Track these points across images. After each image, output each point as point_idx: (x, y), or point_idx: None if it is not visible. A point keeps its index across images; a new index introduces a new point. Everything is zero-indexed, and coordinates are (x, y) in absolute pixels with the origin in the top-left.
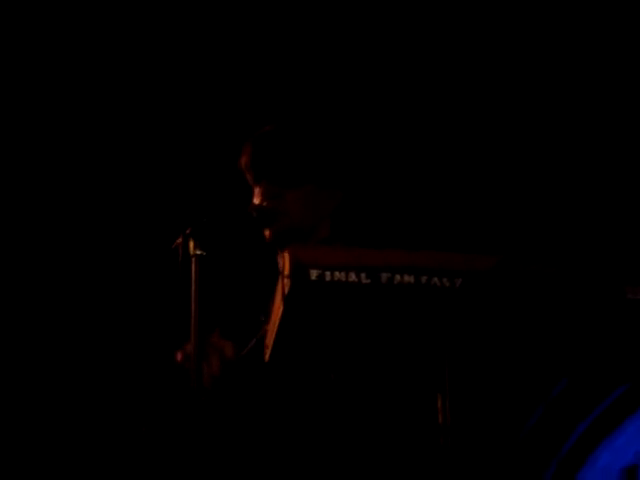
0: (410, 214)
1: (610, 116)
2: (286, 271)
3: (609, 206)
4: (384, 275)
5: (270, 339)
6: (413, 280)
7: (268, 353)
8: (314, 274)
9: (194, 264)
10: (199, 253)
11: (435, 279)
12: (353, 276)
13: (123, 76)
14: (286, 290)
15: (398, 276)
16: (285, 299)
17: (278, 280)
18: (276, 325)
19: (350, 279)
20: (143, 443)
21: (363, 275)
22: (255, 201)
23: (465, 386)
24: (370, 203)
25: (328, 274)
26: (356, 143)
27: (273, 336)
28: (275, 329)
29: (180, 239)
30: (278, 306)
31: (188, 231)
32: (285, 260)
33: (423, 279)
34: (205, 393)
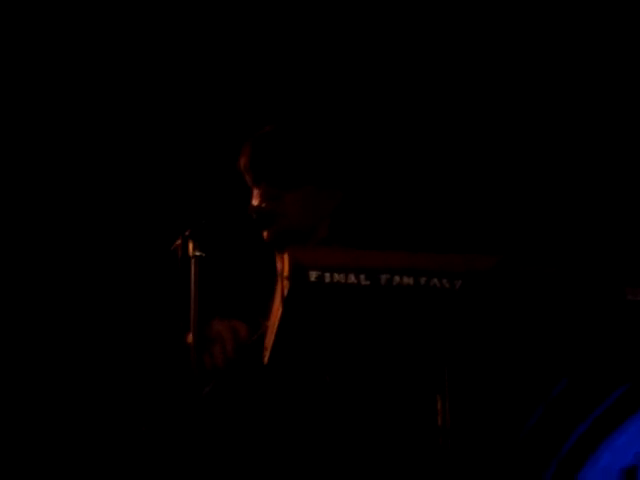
0: (409, 215)
1: (610, 116)
2: (285, 272)
3: (609, 207)
4: (383, 276)
5: (269, 341)
6: (412, 281)
7: (267, 355)
8: (313, 275)
9: (193, 265)
10: (198, 254)
11: (435, 280)
12: (352, 277)
13: (123, 77)
14: (285, 291)
15: (397, 277)
16: (284, 300)
17: (277, 281)
18: (275, 327)
19: (349, 280)
20: (143, 443)
21: (362, 276)
22: (254, 202)
23: (465, 388)
24: (369, 204)
25: (327, 275)
26: (355, 144)
27: (272, 338)
28: (274, 331)
29: (179, 240)
30: (277, 307)
31: (187, 232)
32: (284, 261)
33: (422, 280)
34: (207, 385)
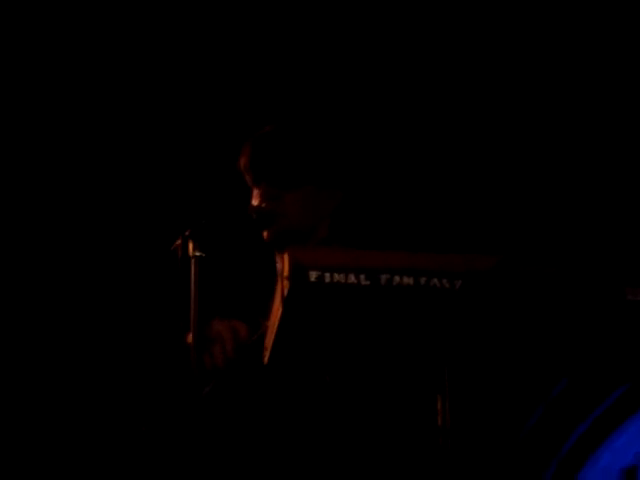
0: (409, 215)
1: (610, 116)
2: (285, 272)
3: (609, 207)
4: (383, 276)
5: (269, 341)
6: (412, 282)
7: (267, 355)
8: (313, 275)
9: (193, 265)
10: (198, 254)
11: (435, 280)
12: (352, 277)
13: (123, 77)
14: (285, 292)
15: (397, 277)
16: (284, 301)
17: (277, 282)
18: (275, 327)
19: (349, 280)
20: (143, 442)
21: (362, 276)
22: (254, 202)
23: (465, 388)
24: (369, 204)
25: (327, 275)
26: (355, 144)
27: (272, 338)
28: (274, 331)
29: (179, 240)
30: (277, 308)
31: (187, 232)
32: (284, 261)
33: (422, 280)
34: (207, 386)
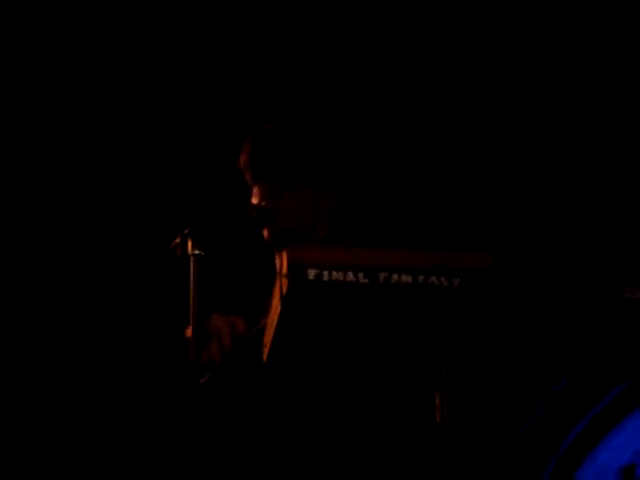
0: (408, 214)
1: (610, 116)
2: (284, 271)
3: (607, 205)
4: (382, 275)
5: (268, 338)
6: (411, 280)
7: (266, 352)
8: (312, 274)
9: (192, 264)
10: (197, 253)
11: (433, 278)
12: (351, 276)
13: (123, 76)
14: (284, 290)
15: (396, 275)
16: (283, 299)
17: (276, 280)
18: (274, 325)
19: (348, 279)
20: (141, 437)
21: (361, 275)
22: (254, 201)
23: (463, 385)
24: (368, 203)
25: (326, 274)
26: (355, 143)
27: (271, 336)
28: (273, 329)
29: (178, 239)
30: (276, 306)
31: (186, 231)
32: (283, 260)
33: (421, 278)
34: (205, 376)
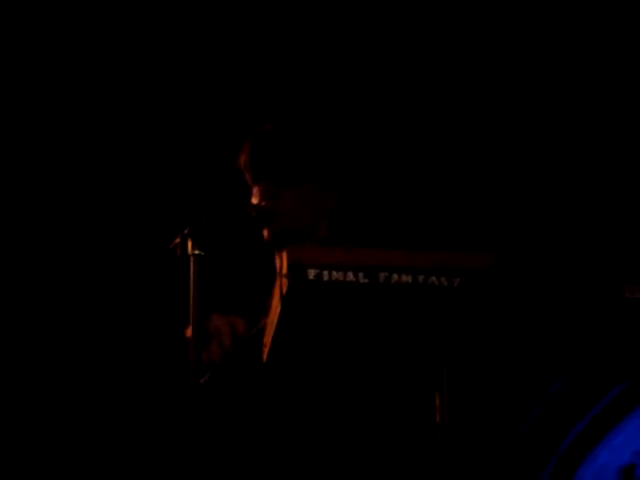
0: (408, 213)
1: (609, 115)
2: (284, 271)
3: (607, 205)
4: (382, 275)
5: (268, 338)
6: (411, 280)
7: (266, 352)
8: (312, 274)
9: (192, 264)
10: (197, 253)
11: (433, 278)
12: (351, 276)
13: (122, 76)
14: (284, 290)
15: (396, 275)
16: (283, 299)
17: (276, 280)
18: (274, 325)
19: (348, 279)
20: (141, 436)
21: (361, 275)
22: (254, 201)
23: (463, 385)
24: (368, 202)
25: (326, 274)
26: (355, 143)
27: (271, 336)
28: (273, 329)
29: (178, 239)
30: (276, 306)
31: (186, 231)
32: (283, 260)
33: (421, 278)
34: (205, 376)
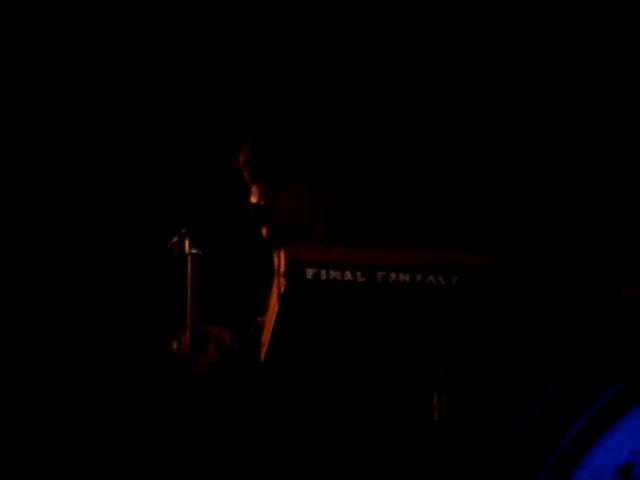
0: (406, 212)
1: (608, 115)
2: (282, 270)
3: (605, 204)
4: (380, 274)
5: (266, 337)
6: (408, 279)
7: (264, 351)
8: (310, 273)
9: (190, 263)
10: (195, 252)
11: (430, 277)
12: (349, 275)
13: (122, 76)
14: (282, 289)
15: (393, 274)
16: (281, 298)
17: (274, 278)
18: (272, 323)
19: (346, 278)
20: (138, 437)
21: (359, 274)
22: (252, 199)
23: (461, 384)
24: (366, 201)
25: (324, 273)
26: (353, 141)
27: (269, 334)
28: (271, 327)
29: (176, 238)
30: (274, 305)
31: (184, 230)
32: (281, 259)
33: (418, 277)
34: (202, 381)
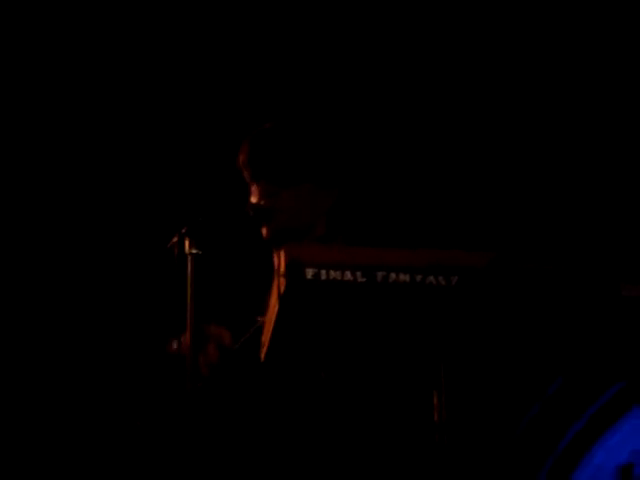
0: (406, 212)
1: (608, 115)
2: (282, 270)
3: (605, 204)
4: (379, 274)
5: (266, 337)
6: (408, 279)
7: (264, 351)
8: (310, 273)
9: (190, 263)
10: (195, 252)
11: (430, 277)
12: (349, 275)
13: (122, 76)
14: (282, 289)
15: (393, 274)
16: (281, 298)
17: (274, 278)
18: (272, 323)
19: (346, 278)
20: (138, 437)
21: (359, 274)
22: (252, 199)
23: (461, 384)
24: (366, 201)
25: (324, 273)
26: (353, 141)
27: (269, 334)
28: (271, 327)
29: (176, 238)
30: (274, 305)
31: (184, 230)
32: (281, 259)
33: (418, 277)
34: (202, 381)
